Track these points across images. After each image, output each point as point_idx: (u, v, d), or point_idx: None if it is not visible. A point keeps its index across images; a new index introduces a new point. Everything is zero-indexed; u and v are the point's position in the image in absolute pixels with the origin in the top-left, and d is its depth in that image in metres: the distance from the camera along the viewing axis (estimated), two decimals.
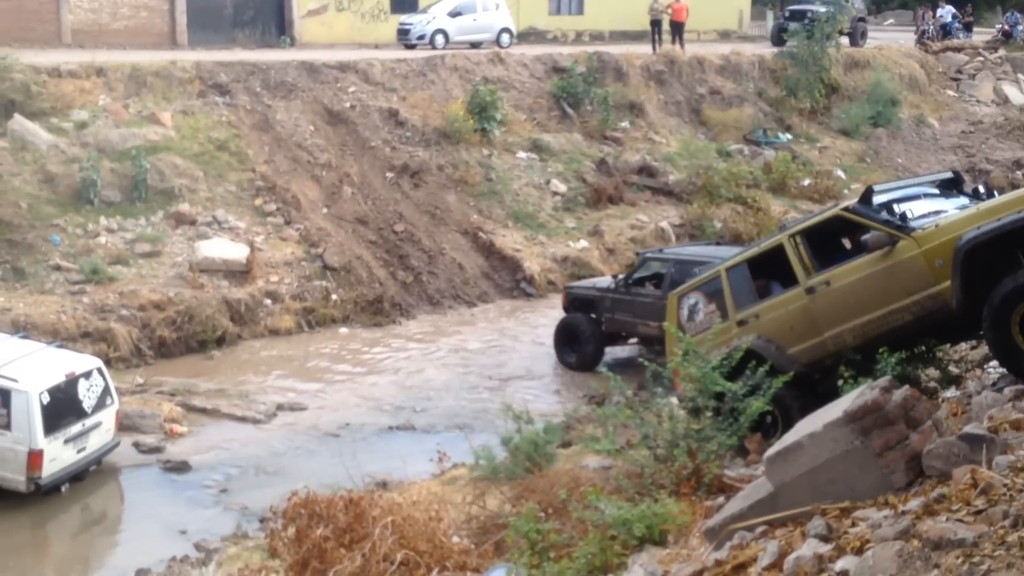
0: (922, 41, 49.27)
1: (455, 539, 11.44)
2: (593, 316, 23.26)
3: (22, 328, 20.60)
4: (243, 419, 20.13)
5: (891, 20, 68.14)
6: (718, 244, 25.47)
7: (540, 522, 10.18)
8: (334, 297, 25.75)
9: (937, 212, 12.42)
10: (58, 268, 23.82)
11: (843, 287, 12.20)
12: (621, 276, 23.70)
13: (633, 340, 23.27)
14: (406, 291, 26.64)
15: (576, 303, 23.75)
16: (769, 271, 13.68)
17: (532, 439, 14.20)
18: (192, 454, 18.55)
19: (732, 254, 22.05)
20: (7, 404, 16.21)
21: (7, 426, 16.21)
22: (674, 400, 12.50)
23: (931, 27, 50.12)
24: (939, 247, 11.48)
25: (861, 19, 45.59)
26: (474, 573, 10.72)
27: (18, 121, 26.56)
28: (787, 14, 45.97)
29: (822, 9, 43.83)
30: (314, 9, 42.51)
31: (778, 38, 44.68)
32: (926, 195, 13.21)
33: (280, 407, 20.74)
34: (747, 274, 13.58)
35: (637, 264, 23.75)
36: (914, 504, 7.16)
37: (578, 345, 23.23)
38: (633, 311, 22.59)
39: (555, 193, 32.16)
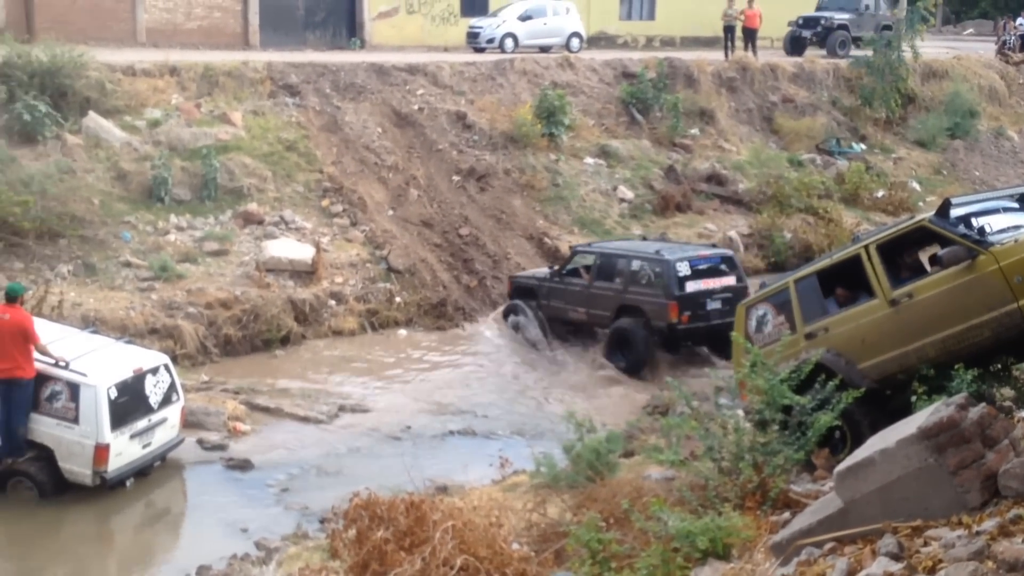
0: (1003, 51, 48.48)
1: (515, 546, 11.34)
2: (532, 303, 24.96)
3: (92, 323, 20.77)
4: (305, 419, 20.18)
5: (971, 30, 67.30)
6: (660, 239, 27.00)
7: (601, 531, 10.08)
8: (398, 299, 25.77)
9: (1016, 227, 12.19)
10: (128, 264, 24.03)
11: (926, 300, 11.97)
12: (556, 267, 25.34)
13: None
14: (470, 295, 26.60)
15: (518, 291, 25.52)
16: (834, 283, 13.47)
17: (594, 447, 14.11)
18: (255, 453, 18.60)
19: (660, 247, 23.48)
20: (76, 398, 16.33)
21: (75, 420, 16.33)
22: (740, 412, 12.34)
23: (1012, 37, 49.30)
24: (1018, 263, 11.28)
25: (887, 26, 44.48)
26: None
27: (92, 118, 26.87)
28: (800, 21, 45.21)
29: (838, 16, 43.44)
30: (385, 11, 42.74)
31: (792, 46, 44.11)
32: (1005, 209, 12.98)
33: (342, 408, 20.77)
34: (816, 286, 13.38)
35: (570, 256, 25.22)
36: (989, 525, 6.99)
37: (518, 323, 24.97)
38: (564, 298, 24.45)
39: (622, 200, 32.00)
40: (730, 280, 23.15)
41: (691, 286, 22.61)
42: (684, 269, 22.62)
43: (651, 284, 22.86)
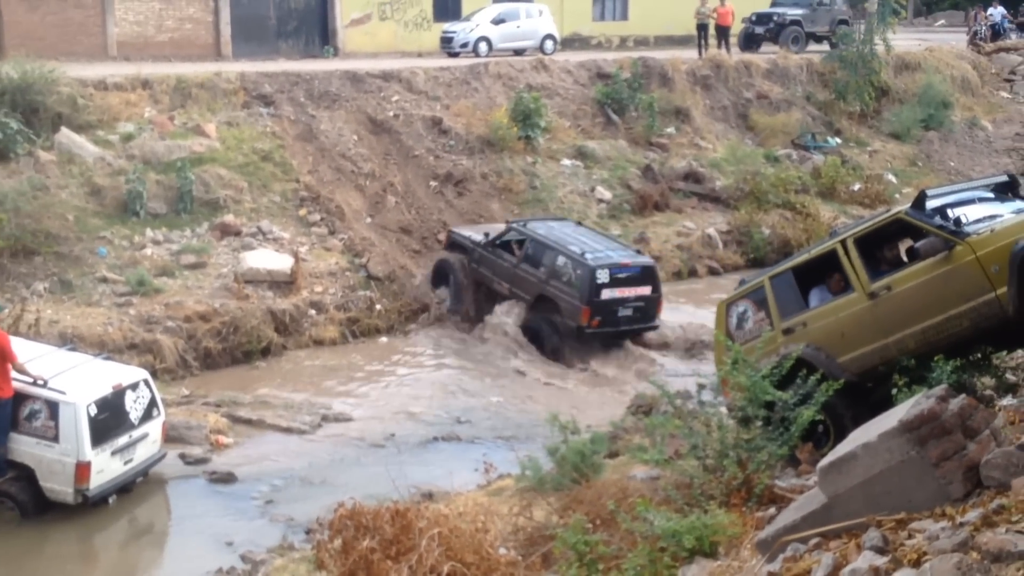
0: (974, 42, 48.70)
1: (502, 551, 11.31)
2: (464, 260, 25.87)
3: (69, 340, 20.67)
4: (288, 430, 20.10)
5: (942, 21, 67.52)
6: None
7: (588, 533, 10.06)
8: (378, 307, 25.72)
9: (992, 216, 12.20)
10: (104, 280, 23.92)
11: (904, 292, 11.98)
12: (491, 236, 25.67)
13: None
14: (451, 300, 26.49)
15: (453, 246, 26.48)
16: (813, 278, 13.48)
17: (579, 449, 14.06)
18: (238, 465, 18.52)
19: (588, 247, 23.84)
20: (55, 416, 16.24)
21: (55, 438, 16.23)
22: (723, 409, 12.33)
23: (983, 27, 49.53)
24: (995, 252, 11.30)
25: (843, 21, 44.71)
26: None
27: (65, 134, 26.73)
28: (753, 18, 45.28)
29: (791, 12, 43.51)
30: (357, 18, 42.67)
31: (745, 42, 44.21)
32: (981, 199, 12.99)
33: (325, 418, 20.70)
34: (792, 282, 13.38)
35: (505, 230, 25.68)
36: (972, 516, 6.99)
37: (445, 281, 26.08)
38: (493, 269, 25.25)
39: (600, 200, 32.01)
40: (645, 290, 23.85)
41: (606, 293, 23.31)
42: (603, 277, 23.29)
43: (570, 284, 23.56)
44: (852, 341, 12.42)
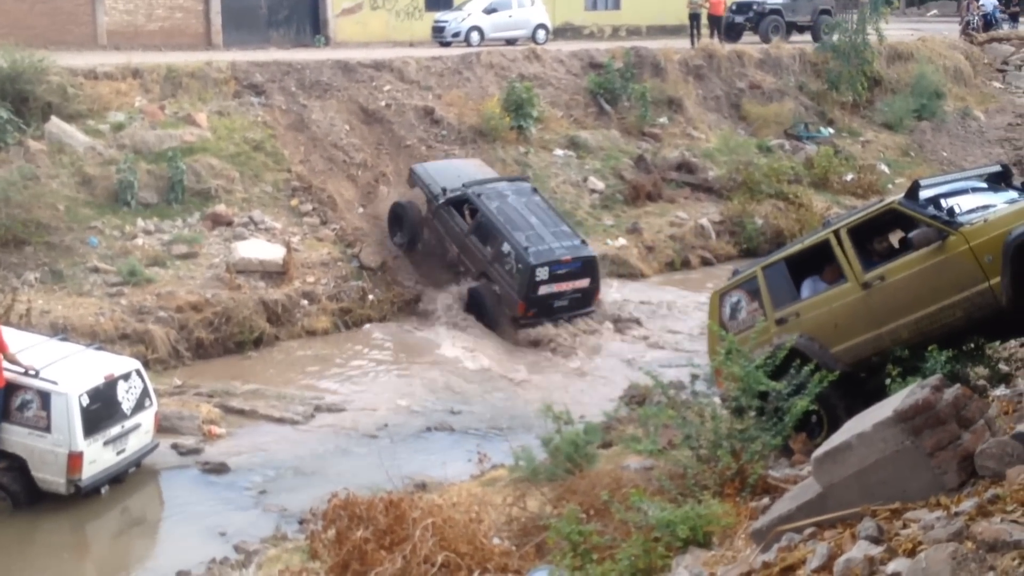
0: (967, 32, 48.68)
1: (496, 541, 11.32)
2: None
3: (61, 330, 20.61)
4: (281, 420, 20.10)
5: (934, 11, 67.54)
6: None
7: (582, 524, 10.06)
8: (371, 297, 25.67)
9: (986, 206, 12.20)
10: (96, 270, 23.85)
11: (897, 282, 11.97)
12: (448, 193, 26.07)
13: None
14: (443, 289, 26.46)
15: (412, 183, 27.41)
16: (806, 268, 13.47)
17: (572, 440, 14.05)
18: (231, 456, 18.52)
19: (532, 239, 24.24)
20: (47, 407, 16.22)
21: (47, 428, 16.22)
22: (716, 400, 12.33)
23: (975, 17, 49.52)
24: (988, 242, 11.30)
25: (825, 11, 44.59)
26: (515, 575, 10.60)
27: (55, 123, 26.63)
28: (734, 7, 44.99)
29: (771, 1, 43.41)
30: (348, 8, 42.59)
31: (726, 32, 43.89)
32: (974, 189, 12.99)
33: (318, 408, 20.70)
34: (785, 272, 13.37)
35: (462, 190, 25.95)
36: (967, 505, 6.99)
37: (402, 226, 26.74)
38: (445, 226, 25.96)
39: (593, 191, 31.97)
40: (583, 283, 24.64)
41: (544, 289, 24.10)
42: (542, 275, 23.92)
43: (511, 274, 24.27)
44: (845, 331, 12.41)
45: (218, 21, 38.98)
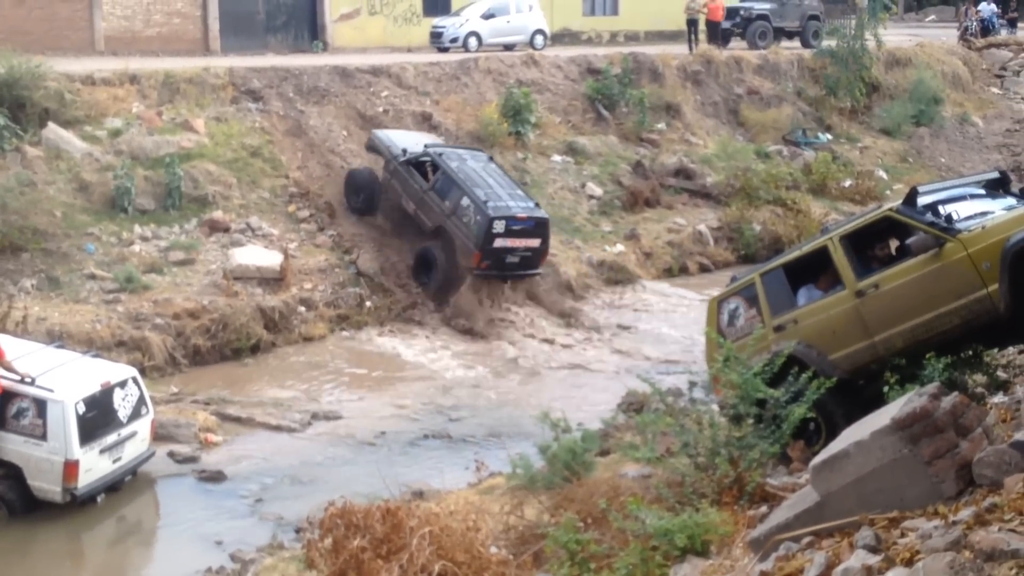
0: (965, 38, 48.69)
1: (493, 550, 11.28)
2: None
3: (57, 338, 20.56)
4: (278, 428, 20.06)
5: (932, 16, 67.52)
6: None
7: (579, 532, 10.05)
8: (368, 304, 25.62)
9: (984, 213, 12.17)
10: (93, 277, 23.79)
11: (893, 290, 11.94)
12: (408, 154, 27.23)
13: None
14: (440, 296, 26.43)
15: (372, 148, 28.48)
16: (805, 275, 13.44)
17: (570, 447, 14.04)
18: (227, 464, 18.47)
19: (491, 195, 25.28)
20: (43, 415, 16.18)
21: (43, 436, 16.18)
22: (714, 407, 12.30)
23: (973, 23, 49.54)
24: (986, 249, 11.27)
25: (814, 16, 44.57)
26: None
27: (52, 130, 26.60)
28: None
29: (758, 6, 43.29)
30: (346, 13, 42.58)
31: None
32: (972, 196, 12.95)
33: (315, 415, 20.63)
34: (783, 279, 13.33)
35: (422, 152, 27.17)
36: (965, 514, 6.97)
37: (360, 193, 27.82)
38: (403, 186, 26.97)
39: (591, 196, 31.96)
40: (535, 242, 25.77)
41: (499, 242, 25.19)
42: (499, 228, 25.06)
43: (469, 227, 25.36)
44: (843, 339, 12.37)
45: (216, 27, 38.97)
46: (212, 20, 38.93)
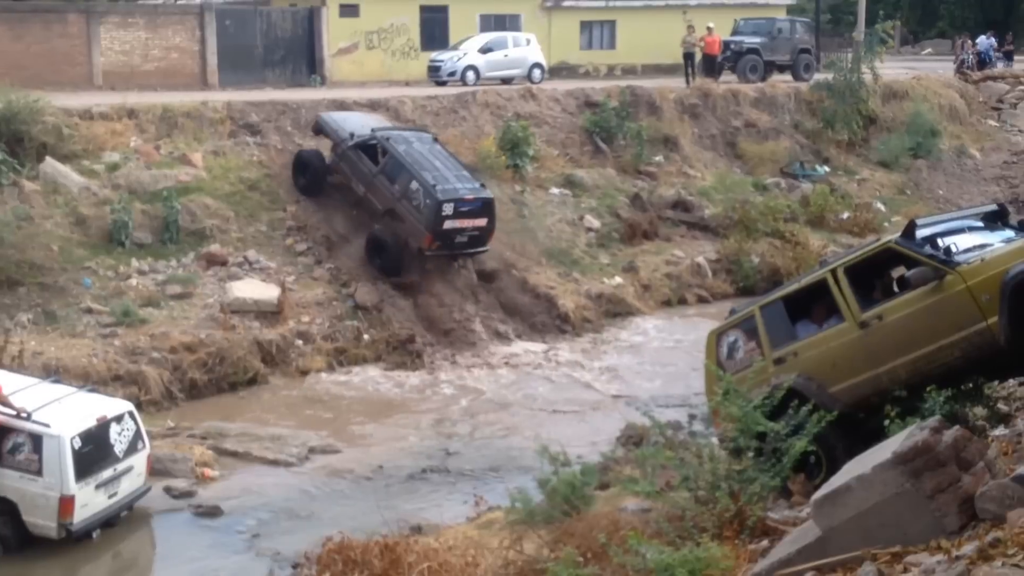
0: (961, 71, 48.81)
1: None
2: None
3: (54, 372, 20.45)
4: (275, 462, 19.92)
5: (929, 49, 67.83)
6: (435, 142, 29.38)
7: (580, 567, 9.97)
8: (366, 337, 25.54)
9: (982, 246, 12.17)
10: (89, 311, 23.76)
11: (895, 322, 11.90)
12: (356, 138, 28.23)
13: None
14: (438, 330, 26.35)
15: (320, 131, 29.45)
16: (804, 307, 13.40)
17: (569, 481, 13.96)
18: (224, 498, 18.32)
19: (439, 177, 26.26)
20: (39, 450, 16.08)
21: (39, 472, 16.07)
22: (714, 440, 12.24)
23: (970, 56, 49.67)
24: (985, 281, 11.28)
25: (805, 50, 44.66)
26: None
27: (50, 164, 26.63)
28: None
29: (748, 40, 43.34)
30: (344, 47, 42.73)
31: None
32: (971, 228, 12.96)
33: (312, 449, 20.51)
34: (783, 311, 13.29)
35: (368, 136, 28.21)
36: (968, 549, 6.93)
37: (306, 172, 28.76)
38: (352, 169, 27.97)
39: (589, 229, 31.95)
40: (482, 221, 26.88)
41: (448, 224, 26.24)
42: (448, 210, 26.10)
43: (419, 209, 26.36)
44: (843, 371, 12.33)
45: (214, 61, 39.05)
46: (210, 55, 39.02)
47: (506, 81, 40.09)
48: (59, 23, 36.80)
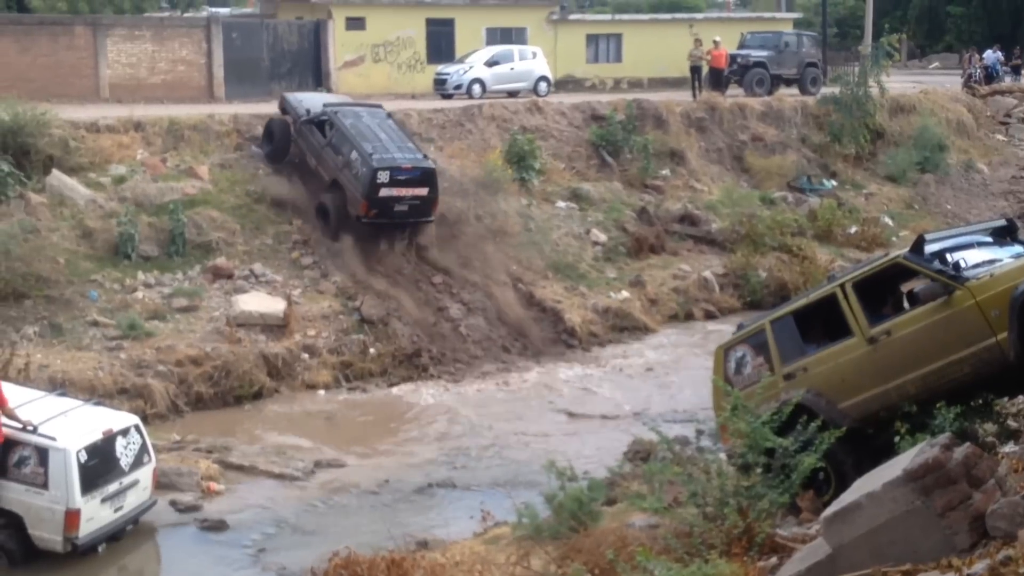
0: (969, 85, 48.78)
1: None
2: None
3: (59, 385, 20.42)
4: (281, 476, 19.85)
5: (936, 63, 67.78)
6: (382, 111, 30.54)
7: None
8: (372, 351, 25.49)
9: (991, 261, 12.14)
10: (95, 324, 23.74)
11: (904, 337, 11.86)
12: (311, 114, 29.47)
13: None
14: (445, 344, 26.33)
15: (283, 109, 30.65)
16: (812, 322, 13.35)
17: (576, 496, 13.94)
18: (229, 513, 18.26)
19: (378, 147, 27.55)
20: (44, 463, 16.01)
21: (44, 485, 16.00)
22: (722, 456, 12.18)
23: (977, 70, 49.64)
24: (994, 297, 11.26)
25: (812, 64, 44.55)
26: None
27: (56, 176, 26.66)
28: None
29: (755, 54, 43.24)
30: (351, 60, 42.78)
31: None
32: (979, 243, 12.93)
33: (318, 463, 20.45)
34: (793, 326, 13.25)
35: (321, 111, 29.39)
36: (980, 567, 6.90)
37: (272, 140, 29.88)
38: (307, 143, 29.20)
39: (595, 243, 31.90)
40: (422, 191, 27.55)
41: (384, 192, 27.06)
42: (383, 177, 26.93)
43: (357, 178, 27.32)
44: (853, 386, 12.29)
45: (220, 74, 39.09)
46: (217, 67, 39.07)
47: (512, 94, 40.09)
48: (66, 36, 36.89)
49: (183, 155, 29.36)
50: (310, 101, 30.80)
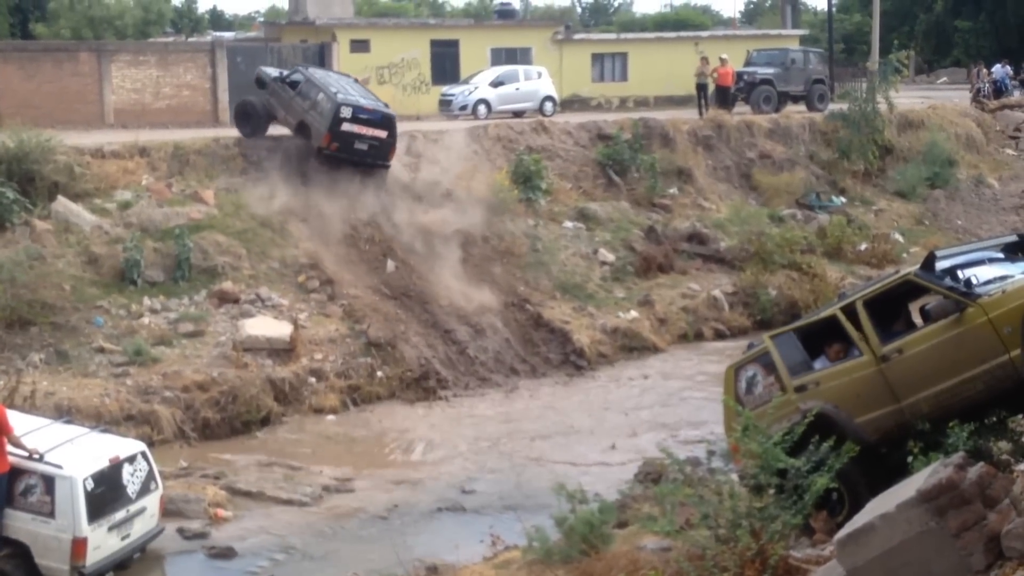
0: (977, 99, 48.69)
1: None
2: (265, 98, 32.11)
3: (66, 412, 20.34)
4: (289, 502, 19.76)
5: (944, 78, 67.71)
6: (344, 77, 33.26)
7: None
8: (379, 374, 25.42)
9: (1003, 277, 12.02)
10: (101, 350, 23.71)
11: (916, 355, 11.72)
12: (283, 73, 32.10)
13: None
14: (452, 366, 26.24)
15: (259, 82, 32.58)
16: (823, 340, 13.21)
17: (587, 519, 13.80)
18: (238, 539, 18.18)
19: (345, 90, 30.39)
20: (51, 491, 15.89)
21: (51, 514, 15.88)
22: (734, 477, 12.03)
23: (985, 84, 49.56)
24: (1007, 313, 11.17)
25: (819, 80, 44.35)
26: None
27: (62, 203, 26.68)
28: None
29: (762, 71, 43.13)
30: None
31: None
32: (991, 259, 12.81)
33: (326, 488, 20.35)
34: (795, 339, 13.12)
35: (292, 70, 32.20)
36: None
37: (249, 120, 32.04)
38: (278, 100, 31.28)
39: (603, 263, 31.82)
40: (382, 133, 29.83)
41: (346, 127, 29.29)
42: (346, 113, 29.33)
43: (322, 114, 29.54)
44: (865, 404, 12.14)
45: (225, 98, 39.18)
46: (221, 92, 39.20)
47: (518, 114, 40.18)
48: (70, 62, 37.09)
49: (188, 180, 29.37)
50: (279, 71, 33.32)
